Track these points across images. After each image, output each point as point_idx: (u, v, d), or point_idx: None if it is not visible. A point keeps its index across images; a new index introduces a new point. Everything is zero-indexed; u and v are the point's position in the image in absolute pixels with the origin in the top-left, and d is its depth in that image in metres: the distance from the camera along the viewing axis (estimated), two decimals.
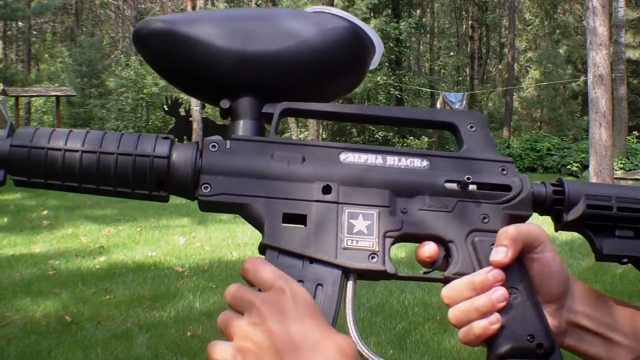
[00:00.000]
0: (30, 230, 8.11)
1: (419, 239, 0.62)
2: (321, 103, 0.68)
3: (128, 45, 34.73)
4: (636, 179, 12.54)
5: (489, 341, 0.59)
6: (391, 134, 24.74)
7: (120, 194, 0.64)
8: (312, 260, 0.60)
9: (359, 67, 0.72)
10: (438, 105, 20.18)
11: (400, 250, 5.82)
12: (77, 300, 4.91)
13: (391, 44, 25.44)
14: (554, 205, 0.65)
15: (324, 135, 22.50)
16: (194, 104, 17.05)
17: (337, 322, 0.58)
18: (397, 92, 25.91)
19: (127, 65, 28.25)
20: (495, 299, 0.59)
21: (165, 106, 18.01)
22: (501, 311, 0.59)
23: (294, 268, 0.59)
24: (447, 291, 0.61)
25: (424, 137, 24.51)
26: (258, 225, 0.62)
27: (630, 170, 16.95)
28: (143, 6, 40.31)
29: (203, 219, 9.23)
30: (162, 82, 25.54)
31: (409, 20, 27.39)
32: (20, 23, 31.07)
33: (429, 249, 0.62)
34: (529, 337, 0.58)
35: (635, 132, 22.35)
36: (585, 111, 20.89)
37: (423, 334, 4.11)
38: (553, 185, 0.66)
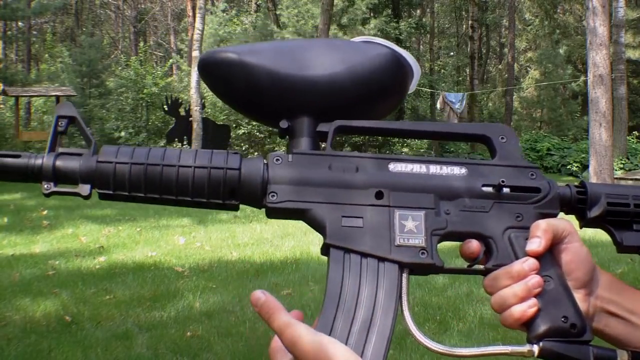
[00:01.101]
0: (30, 230, 8.11)
1: (461, 236, 0.70)
2: (370, 120, 0.77)
3: (128, 45, 34.74)
4: (636, 179, 12.53)
5: (528, 323, 0.66)
6: None
7: (196, 204, 0.71)
8: (370, 256, 0.67)
9: (400, 90, 0.81)
10: (438, 106, 20.17)
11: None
12: (77, 300, 4.91)
13: None
14: (578, 205, 0.73)
15: None
16: (194, 104, 17.04)
17: (397, 312, 0.66)
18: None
19: (127, 65, 28.23)
20: (532, 285, 0.66)
21: (165, 106, 18.02)
22: (537, 296, 0.66)
23: (355, 264, 0.66)
24: (489, 281, 0.69)
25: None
26: (319, 227, 0.68)
27: (630, 170, 16.95)
28: (143, 6, 40.29)
29: (203, 219, 9.23)
30: (162, 82, 25.53)
31: (409, 20, 27.38)
32: (20, 23, 31.06)
33: (472, 245, 0.69)
34: (562, 319, 0.65)
35: (635, 132, 22.35)
36: (585, 111, 20.89)
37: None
38: (576, 187, 0.74)
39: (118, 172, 0.69)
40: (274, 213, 0.70)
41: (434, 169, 0.72)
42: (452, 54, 38.13)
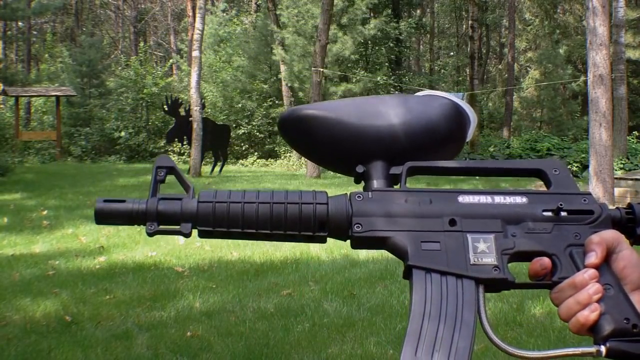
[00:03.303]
0: (30, 230, 8.11)
1: (528, 255, 0.77)
2: (437, 161, 0.85)
3: (128, 45, 34.71)
4: (636, 179, 12.52)
5: (594, 328, 0.72)
6: None
7: (288, 237, 0.77)
8: (449, 274, 0.74)
9: (460, 136, 0.90)
10: None
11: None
12: (77, 300, 4.91)
13: (391, 44, 25.43)
14: (628, 224, 0.81)
15: None
16: (194, 104, 17.04)
17: (476, 324, 0.72)
18: (397, 92, 25.90)
19: (127, 65, 28.22)
20: (593, 292, 0.72)
21: (165, 106, 17.99)
22: (599, 302, 0.72)
23: (436, 282, 0.73)
24: (555, 293, 0.75)
25: None
26: (401, 252, 0.76)
27: (630, 170, 16.94)
28: (143, 6, 40.28)
29: None
30: (162, 82, 25.52)
31: (409, 20, 27.38)
32: (20, 23, 31.06)
33: (543, 262, 0.76)
34: (625, 320, 0.71)
35: (635, 132, 22.33)
36: (585, 111, 20.88)
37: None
38: (624, 208, 0.82)
39: (217, 211, 0.76)
40: (359, 242, 0.77)
41: (498, 198, 0.80)
42: (452, 54, 38.13)
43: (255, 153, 24.06)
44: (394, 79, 24.95)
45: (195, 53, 17.48)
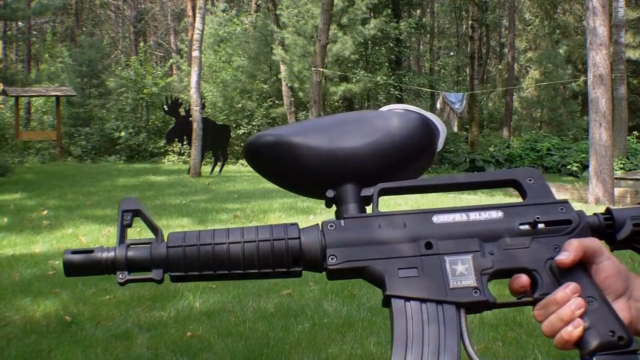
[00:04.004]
0: (30, 230, 8.11)
1: (508, 273, 0.76)
2: (408, 180, 0.84)
3: (128, 45, 34.70)
4: (636, 179, 12.52)
5: (579, 343, 0.71)
6: None
7: (263, 275, 0.76)
8: (428, 301, 0.73)
9: (430, 149, 0.89)
10: (438, 106, 20.16)
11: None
12: (77, 300, 4.91)
13: (391, 44, 25.42)
14: (607, 230, 0.79)
15: None
16: (194, 104, 17.04)
17: (460, 348, 0.72)
18: (397, 92, 25.91)
19: (127, 65, 28.22)
20: (575, 307, 0.71)
21: (165, 106, 17.98)
22: (583, 317, 0.71)
23: (416, 311, 0.72)
24: (538, 310, 0.74)
25: None
26: (378, 281, 0.75)
27: (630, 170, 16.94)
28: (143, 6, 40.28)
29: (203, 219, 9.23)
30: (162, 82, 25.52)
31: (409, 20, 27.37)
32: (20, 23, 31.06)
33: (520, 281, 0.75)
34: (610, 333, 0.70)
35: (635, 132, 22.35)
36: (585, 111, 20.87)
37: None
38: (603, 214, 0.80)
39: (188, 254, 0.75)
40: (335, 274, 0.76)
41: (474, 215, 0.78)
42: (452, 54, 38.14)
43: None
44: (394, 79, 24.95)
45: (195, 53, 17.48)
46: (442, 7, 35.93)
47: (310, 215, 9.46)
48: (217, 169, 18.26)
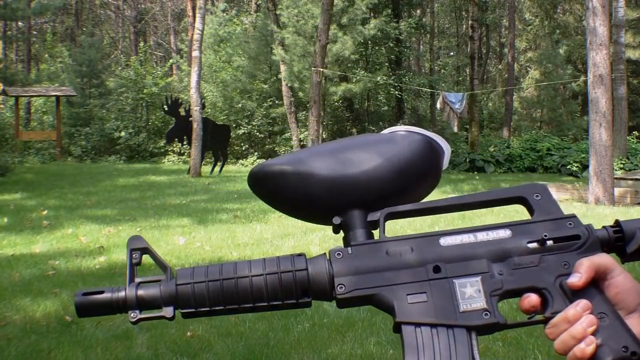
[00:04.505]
0: (30, 230, 8.11)
1: (518, 292, 0.76)
2: (414, 203, 0.83)
3: (128, 45, 34.70)
4: (636, 179, 12.52)
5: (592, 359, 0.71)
6: None
7: (272, 307, 0.76)
8: (439, 325, 0.73)
9: (436, 170, 0.88)
10: (438, 106, 20.15)
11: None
12: None
13: (391, 44, 25.42)
14: (616, 243, 0.78)
15: (324, 135, 22.49)
16: (194, 104, 17.03)
17: None
18: (397, 92, 25.91)
19: (127, 65, 28.22)
20: (587, 324, 0.71)
21: (165, 106, 17.98)
22: (595, 334, 0.71)
23: (427, 336, 0.72)
24: (549, 329, 0.74)
25: None
26: (388, 308, 0.75)
27: (630, 170, 16.94)
28: (143, 6, 40.28)
29: (203, 219, 9.23)
30: (162, 82, 25.52)
31: (409, 20, 27.37)
32: (20, 23, 31.05)
33: (530, 300, 0.75)
34: (623, 349, 0.70)
35: (635, 132, 22.35)
36: (585, 111, 20.88)
37: None
38: (612, 227, 0.79)
39: (197, 291, 0.75)
40: (344, 303, 0.76)
41: (481, 236, 0.78)
42: (452, 54, 38.14)
43: (255, 153, 24.05)
44: (394, 79, 24.95)
45: (195, 53, 17.48)
46: (442, 7, 35.92)
47: None
48: (217, 169, 18.26)
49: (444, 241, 0.77)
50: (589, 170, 11.78)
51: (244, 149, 24.49)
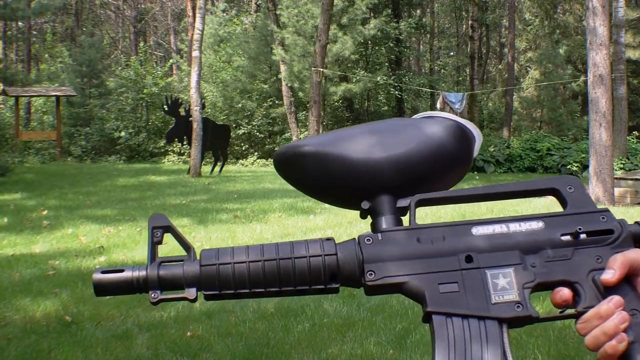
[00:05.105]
0: (30, 230, 8.11)
1: (550, 285, 0.74)
2: (445, 191, 0.82)
3: (128, 45, 34.70)
4: (636, 179, 12.51)
5: (624, 357, 0.70)
6: None
7: (298, 292, 0.74)
8: (470, 317, 0.71)
9: (467, 157, 0.86)
10: (438, 106, 20.15)
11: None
12: (77, 300, 4.91)
13: (391, 44, 25.43)
14: None
15: None
16: (194, 104, 17.03)
17: None
18: (397, 92, 25.91)
19: (127, 65, 28.23)
20: (619, 321, 0.70)
21: (165, 106, 17.98)
22: (627, 331, 0.70)
23: (458, 327, 0.71)
24: (581, 324, 0.73)
25: None
26: (418, 297, 0.73)
27: (630, 170, 16.94)
28: (143, 6, 40.28)
29: (203, 218, 9.23)
30: (162, 82, 25.52)
31: (409, 20, 27.38)
32: (20, 23, 31.05)
33: (563, 294, 0.74)
34: None
35: (635, 132, 22.34)
36: (585, 111, 20.88)
37: (423, 334, 4.11)
38: None
39: (222, 273, 0.73)
40: (374, 290, 0.74)
41: (514, 226, 0.76)
42: (452, 54, 38.13)
43: (255, 153, 24.06)
44: (394, 79, 24.96)
45: (195, 53, 17.48)
46: (442, 7, 35.93)
47: (310, 215, 9.45)
48: (217, 169, 18.27)
49: (476, 230, 0.76)
50: (589, 170, 11.77)
51: (244, 149, 24.49)
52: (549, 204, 10.22)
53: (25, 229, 8.14)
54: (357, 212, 0.82)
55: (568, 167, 19.32)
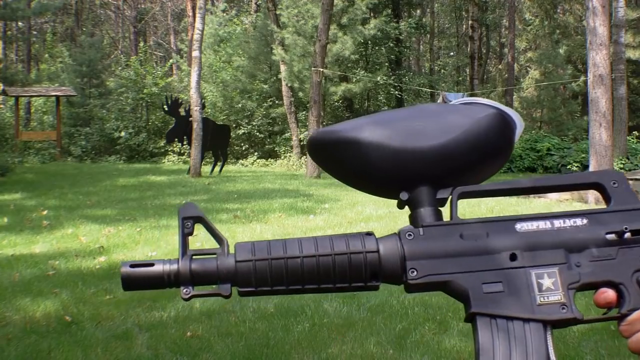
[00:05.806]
0: (30, 230, 8.10)
1: (594, 286, 0.72)
2: (488, 183, 0.79)
3: (128, 45, 34.70)
4: (636, 179, 12.52)
5: None
6: None
7: (337, 289, 0.71)
8: (515, 319, 0.69)
9: (508, 145, 0.82)
10: None
11: None
12: (77, 300, 4.91)
13: (391, 44, 25.43)
14: None
15: None
16: (194, 104, 17.04)
17: None
18: (397, 92, 25.91)
19: (127, 65, 28.23)
20: None
21: (165, 106, 17.99)
22: None
23: (502, 329, 0.68)
24: (625, 326, 0.71)
25: None
26: (462, 296, 0.70)
27: (630, 170, 16.94)
28: (143, 6, 40.28)
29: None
30: (162, 82, 25.52)
31: (409, 20, 27.39)
32: (20, 23, 31.05)
33: (607, 296, 0.71)
34: None
35: (635, 132, 22.33)
36: (585, 111, 20.88)
37: (423, 334, 4.11)
38: None
39: (259, 269, 0.70)
40: (416, 288, 0.71)
41: (558, 223, 0.73)
42: (452, 54, 38.13)
43: (255, 153, 24.07)
44: (394, 79, 24.96)
45: (195, 53, 17.48)
46: (442, 7, 35.94)
47: (310, 215, 9.45)
48: (217, 169, 18.26)
49: (520, 227, 0.73)
50: (589, 170, 11.77)
51: (244, 149, 24.49)
52: (549, 204, 10.22)
53: (25, 229, 8.14)
54: (357, 212, 0.82)
55: (568, 167, 19.32)
